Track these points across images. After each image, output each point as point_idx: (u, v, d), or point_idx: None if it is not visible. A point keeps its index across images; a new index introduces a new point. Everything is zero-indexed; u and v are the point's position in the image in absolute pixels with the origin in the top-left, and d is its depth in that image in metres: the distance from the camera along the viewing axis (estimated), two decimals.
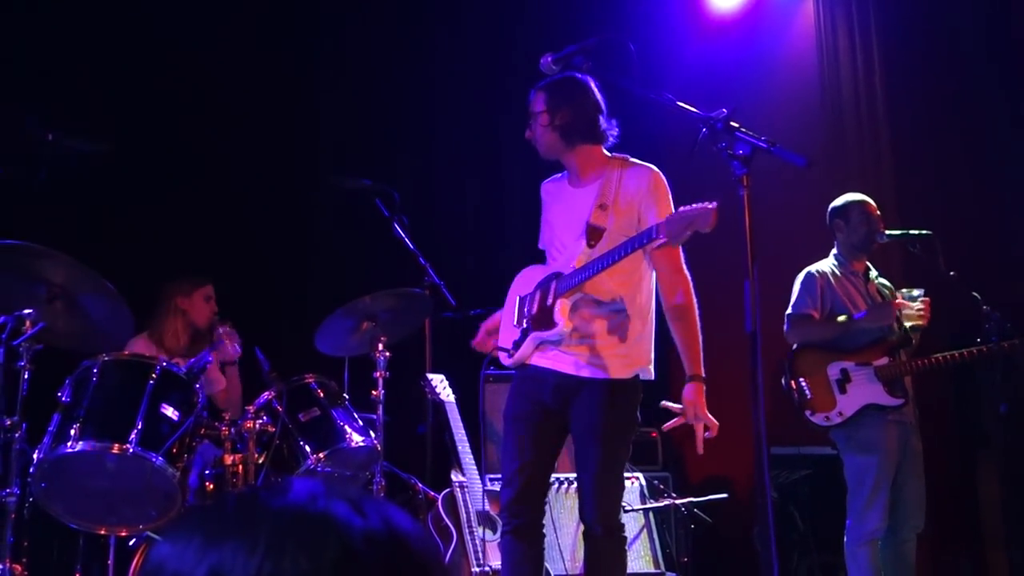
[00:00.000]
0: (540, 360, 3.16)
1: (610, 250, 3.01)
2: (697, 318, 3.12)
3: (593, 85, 3.21)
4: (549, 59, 2.90)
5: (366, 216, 4.45)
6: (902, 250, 4.59)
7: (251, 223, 5.45)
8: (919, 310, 4.11)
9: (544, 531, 3.19)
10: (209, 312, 4.65)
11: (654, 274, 3.18)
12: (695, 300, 3.12)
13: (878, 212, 4.26)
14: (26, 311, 3.28)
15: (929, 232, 4.15)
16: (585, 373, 3.08)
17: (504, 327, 3.34)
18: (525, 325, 3.21)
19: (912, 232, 4.19)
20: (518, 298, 3.31)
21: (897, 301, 4.14)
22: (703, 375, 3.07)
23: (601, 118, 3.21)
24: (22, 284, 3.34)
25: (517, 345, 3.21)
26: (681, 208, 2.84)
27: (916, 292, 4.14)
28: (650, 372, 3.16)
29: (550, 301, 3.13)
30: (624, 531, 3.13)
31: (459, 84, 6.12)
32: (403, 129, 6.05)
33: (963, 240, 4.81)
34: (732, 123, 2.42)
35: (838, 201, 4.32)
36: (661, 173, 3.17)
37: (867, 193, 4.39)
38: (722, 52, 6.08)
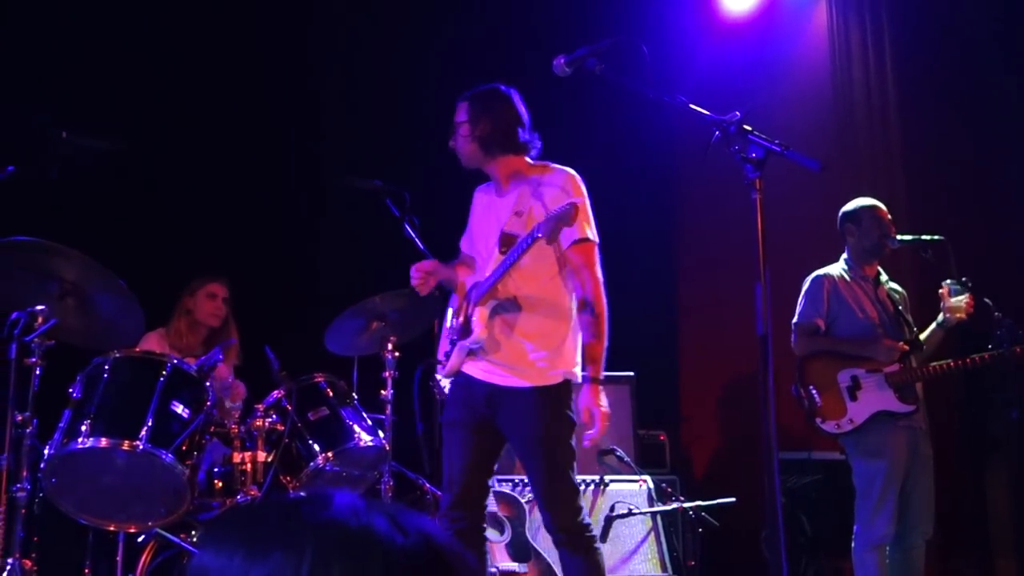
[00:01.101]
0: (470, 369, 3.19)
1: (508, 253, 3.05)
2: (603, 318, 3.03)
3: (516, 98, 3.25)
4: (562, 61, 2.89)
5: (376, 216, 4.45)
6: (914, 255, 4.56)
7: (262, 222, 5.47)
8: (965, 303, 4.07)
9: (486, 536, 3.21)
10: (213, 308, 4.63)
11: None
12: (604, 300, 3.05)
13: (889, 217, 4.24)
14: (38, 307, 3.30)
15: (941, 237, 4.11)
16: (511, 382, 3.09)
17: (442, 338, 3.38)
18: (453, 336, 3.25)
19: (924, 237, 4.15)
20: (450, 310, 3.34)
21: (942, 291, 4.11)
22: (600, 378, 2.98)
23: (521, 130, 3.22)
24: (34, 281, 3.36)
25: (448, 356, 3.25)
26: (551, 210, 2.94)
27: (960, 286, 4.10)
28: (576, 375, 3.13)
29: (470, 310, 3.17)
30: (591, 531, 3.09)
31: (471, 85, 6.10)
32: (414, 129, 6.04)
33: (975, 245, 4.78)
34: (745, 126, 2.41)
35: (849, 205, 4.30)
36: (577, 175, 3.18)
37: (879, 197, 4.37)
38: (735, 55, 6.07)
